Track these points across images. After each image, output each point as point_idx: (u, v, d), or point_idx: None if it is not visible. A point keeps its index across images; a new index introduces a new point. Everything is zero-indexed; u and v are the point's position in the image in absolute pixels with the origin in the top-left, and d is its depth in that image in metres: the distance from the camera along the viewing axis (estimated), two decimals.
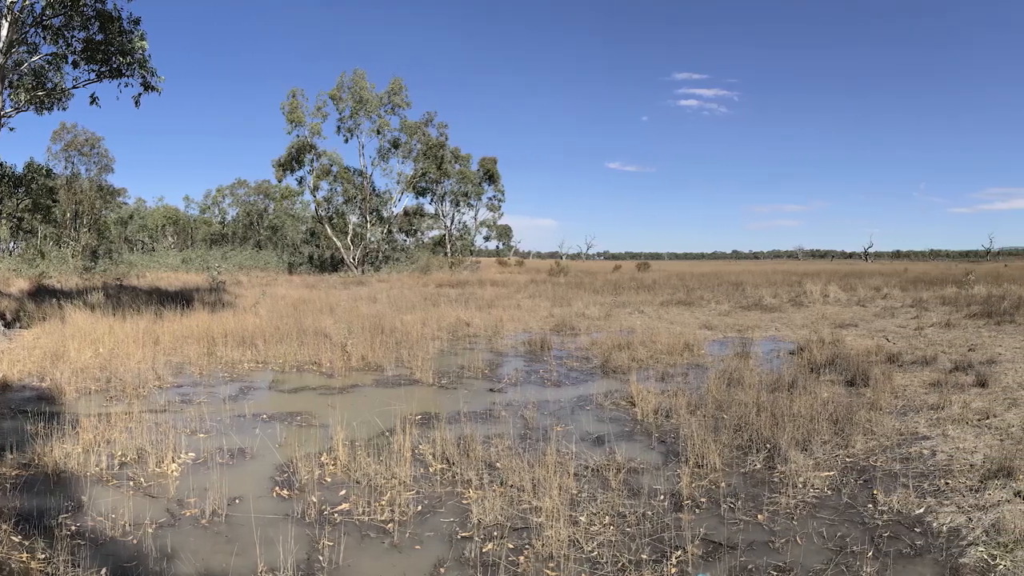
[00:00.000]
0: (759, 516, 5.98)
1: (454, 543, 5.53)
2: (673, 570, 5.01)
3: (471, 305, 25.80)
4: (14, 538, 5.26)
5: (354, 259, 60.71)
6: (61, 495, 6.44)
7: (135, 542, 5.49)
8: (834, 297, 29.06)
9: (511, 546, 5.40)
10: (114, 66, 19.25)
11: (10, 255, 62.84)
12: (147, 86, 19.67)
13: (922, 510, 6.02)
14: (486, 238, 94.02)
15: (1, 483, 6.62)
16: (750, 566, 5.06)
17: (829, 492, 6.53)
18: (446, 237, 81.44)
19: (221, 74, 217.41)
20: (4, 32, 16.60)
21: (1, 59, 16.65)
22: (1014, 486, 6.23)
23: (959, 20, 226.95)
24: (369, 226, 62.11)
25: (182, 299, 23.11)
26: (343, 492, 6.64)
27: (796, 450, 7.50)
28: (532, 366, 13.98)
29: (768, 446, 7.70)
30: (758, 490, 6.59)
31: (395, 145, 61.68)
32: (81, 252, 56.86)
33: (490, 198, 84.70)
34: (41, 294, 26.21)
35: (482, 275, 52.67)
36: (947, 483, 6.62)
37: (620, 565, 5.07)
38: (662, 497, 6.44)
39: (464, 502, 6.36)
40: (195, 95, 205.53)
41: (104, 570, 4.94)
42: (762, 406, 8.98)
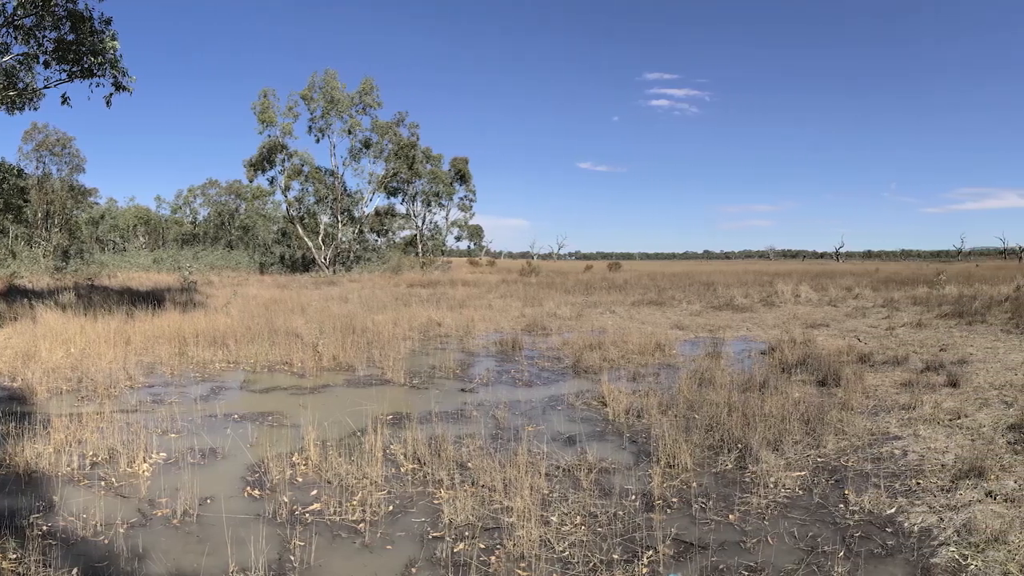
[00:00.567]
0: (730, 516, 6.00)
1: (425, 543, 5.52)
2: (645, 570, 5.01)
3: (442, 305, 25.80)
4: None
5: (325, 259, 60.51)
6: (32, 495, 6.39)
7: (106, 542, 5.46)
8: (805, 297, 29.29)
9: (482, 546, 5.39)
10: (85, 66, 19.11)
11: None
12: (118, 86, 19.54)
13: (893, 510, 6.05)
14: (457, 238, 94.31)
15: None
16: (721, 566, 5.08)
17: (800, 492, 6.56)
18: (417, 237, 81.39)
19: (192, 74, 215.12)
20: None
21: None
22: (985, 486, 6.29)
23: (931, 20, 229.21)
24: (340, 226, 61.95)
25: (153, 299, 22.92)
26: (314, 492, 6.61)
27: (767, 450, 7.53)
28: (504, 366, 13.98)
29: (739, 446, 7.72)
30: (729, 490, 6.62)
31: (366, 145, 61.58)
32: (52, 252, 56.34)
33: (461, 198, 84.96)
34: (12, 294, 25.86)
35: (453, 275, 52.71)
36: (918, 483, 6.66)
37: (592, 565, 5.07)
38: (633, 497, 6.45)
39: (435, 502, 6.34)
40: (166, 95, 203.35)
41: (75, 570, 4.92)
42: (733, 406, 9.03)
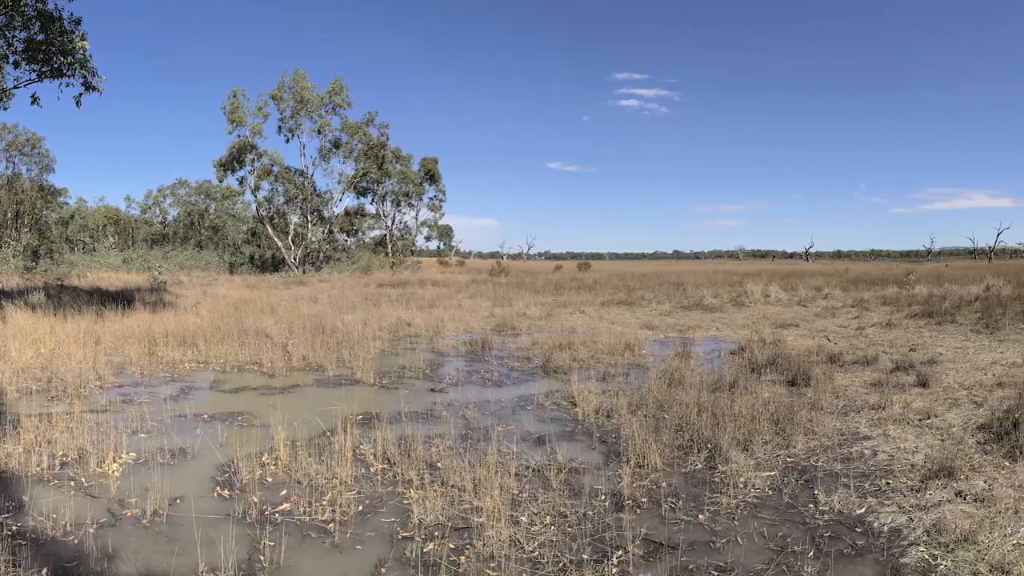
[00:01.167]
0: (700, 516, 6.03)
1: (395, 543, 5.50)
2: (614, 570, 5.02)
3: (412, 305, 25.74)
4: None
5: (295, 259, 60.35)
6: (2, 495, 6.32)
7: (76, 542, 5.43)
8: (775, 297, 29.50)
9: (452, 546, 5.38)
10: (55, 66, 19.07)
11: None
12: (88, 86, 19.52)
13: (863, 510, 6.08)
14: (427, 238, 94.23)
15: None
16: (691, 566, 5.09)
17: (770, 492, 6.59)
18: (387, 237, 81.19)
19: (161, 74, 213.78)
20: None
21: None
22: (955, 486, 6.32)
23: (900, 20, 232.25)
24: (310, 226, 61.86)
25: (123, 299, 22.71)
26: (284, 492, 6.58)
27: (737, 450, 7.57)
28: (473, 366, 13.97)
29: (709, 446, 7.74)
30: (699, 490, 6.64)
31: (336, 145, 61.65)
32: (22, 252, 55.85)
33: (431, 198, 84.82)
34: None
35: (423, 275, 52.72)
36: (888, 483, 6.69)
37: (561, 565, 5.08)
38: (603, 497, 6.47)
39: (405, 502, 6.33)
40: (136, 95, 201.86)
41: (45, 570, 4.89)
42: (703, 406, 9.05)
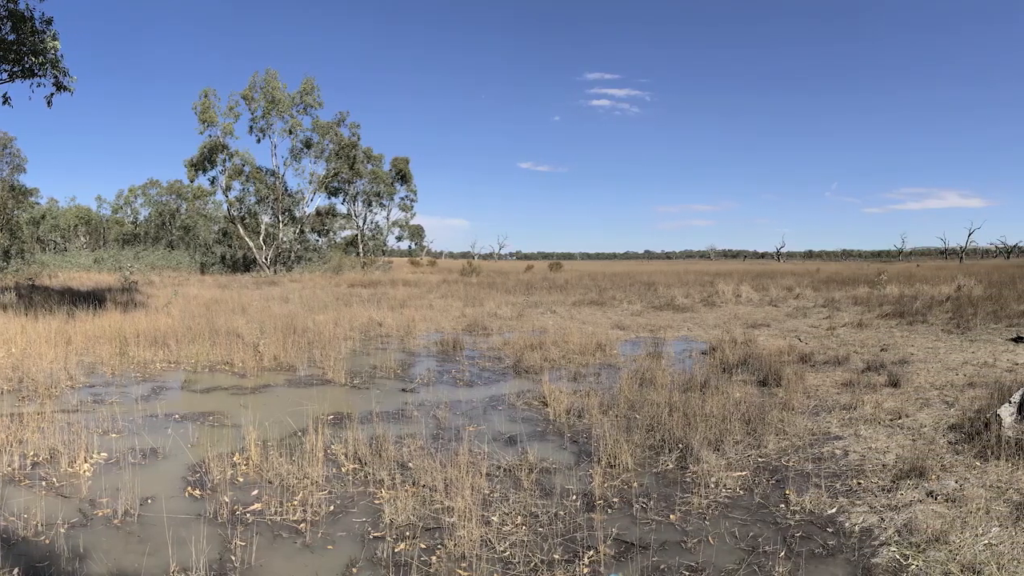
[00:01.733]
0: (671, 516, 6.05)
1: (366, 543, 5.50)
2: (585, 570, 5.04)
3: (383, 305, 25.73)
4: None
5: (266, 259, 60.11)
6: None
7: (47, 542, 5.41)
8: (746, 297, 29.68)
9: (423, 546, 5.38)
10: (26, 66, 18.85)
11: None
12: (59, 86, 19.31)
13: (834, 510, 6.11)
14: (398, 238, 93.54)
15: None
16: (662, 566, 5.12)
17: (741, 492, 6.62)
18: (358, 237, 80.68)
19: (133, 74, 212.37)
20: None
21: None
22: (926, 486, 6.37)
23: (873, 20, 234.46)
24: (281, 226, 61.71)
25: (94, 299, 22.57)
26: (255, 492, 6.55)
27: (708, 450, 7.61)
28: (444, 366, 13.98)
29: (680, 446, 7.78)
30: (670, 490, 6.67)
31: (307, 145, 61.59)
32: None
33: (402, 198, 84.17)
34: None
35: (394, 275, 52.73)
36: (859, 483, 6.73)
37: (532, 565, 5.09)
38: (574, 497, 6.49)
39: (376, 502, 6.32)
40: (107, 95, 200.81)
41: (16, 570, 4.86)
42: (674, 406, 9.09)
